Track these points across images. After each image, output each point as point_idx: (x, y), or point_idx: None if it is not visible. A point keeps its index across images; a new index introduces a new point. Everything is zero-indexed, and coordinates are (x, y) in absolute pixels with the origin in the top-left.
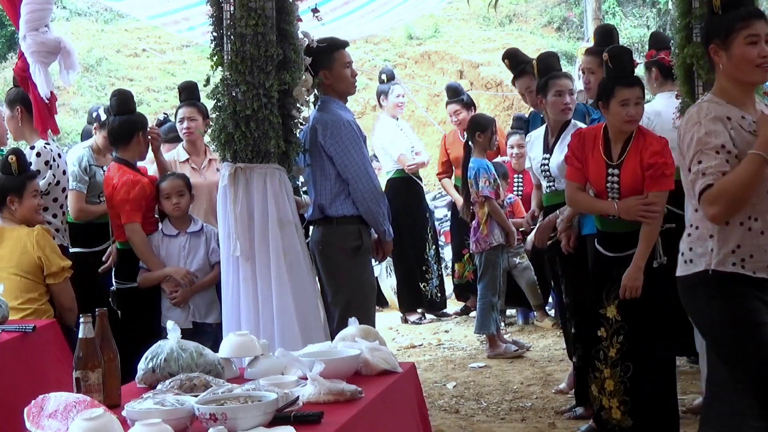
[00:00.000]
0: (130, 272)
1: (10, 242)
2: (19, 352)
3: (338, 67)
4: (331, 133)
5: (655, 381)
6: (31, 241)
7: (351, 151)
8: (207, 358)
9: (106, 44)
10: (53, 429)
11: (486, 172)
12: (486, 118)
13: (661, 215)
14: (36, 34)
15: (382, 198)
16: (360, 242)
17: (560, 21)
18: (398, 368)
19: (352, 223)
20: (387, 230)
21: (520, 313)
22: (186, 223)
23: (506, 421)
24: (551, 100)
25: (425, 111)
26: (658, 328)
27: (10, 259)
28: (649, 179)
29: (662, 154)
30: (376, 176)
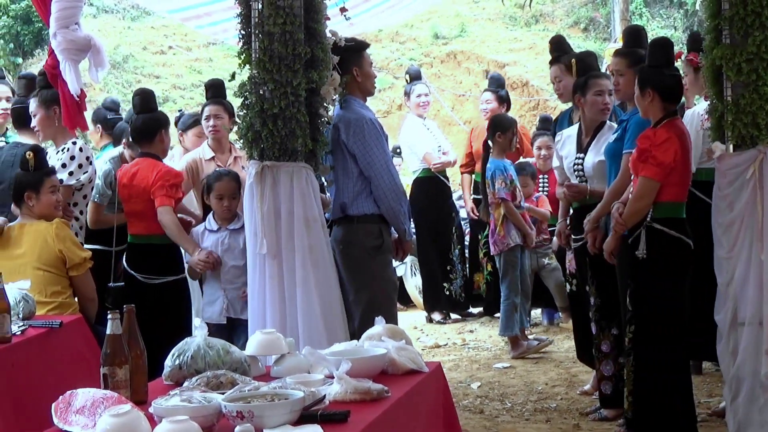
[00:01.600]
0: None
1: (30, 237)
2: (46, 348)
3: (367, 65)
4: (353, 132)
5: (658, 379)
6: (51, 235)
7: (373, 148)
8: (234, 356)
9: (132, 41)
10: (80, 424)
11: (502, 174)
12: (507, 119)
13: (637, 201)
14: (66, 31)
15: (403, 197)
16: (381, 241)
17: (587, 21)
18: (425, 368)
19: (373, 222)
20: (407, 229)
21: (545, 313)
22: (230, 220)
23: (531, 422)
24: (591, 99)
25: (451, 110)
26: (668, 326)
27: (32, 254)
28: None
29: (649, 139)
30: (397, 174)
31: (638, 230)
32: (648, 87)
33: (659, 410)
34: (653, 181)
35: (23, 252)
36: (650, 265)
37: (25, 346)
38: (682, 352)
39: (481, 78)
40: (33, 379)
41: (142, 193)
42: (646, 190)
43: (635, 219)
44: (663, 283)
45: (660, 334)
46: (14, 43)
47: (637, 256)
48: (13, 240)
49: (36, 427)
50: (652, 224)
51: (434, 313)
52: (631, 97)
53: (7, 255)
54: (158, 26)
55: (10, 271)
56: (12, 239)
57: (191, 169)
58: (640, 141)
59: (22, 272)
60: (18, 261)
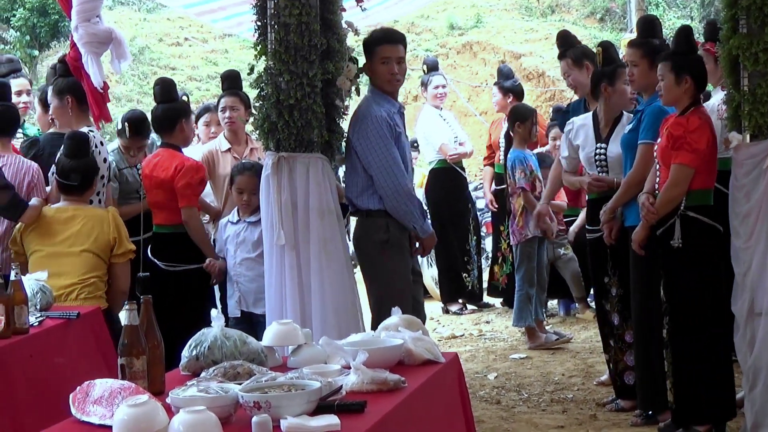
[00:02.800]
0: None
1: (83, 221)
2: (64, 339)
3: (375, 62)
4: (358, 128)
5: (693, 369)
6: (108, 222)
7: (375, 147)
8: (250, 347)
9: (148, 33)
10: (98, 415)
11: (522, 164)
12: (526, 109)
13: (673, 188)
14: (88, 24)
15: (407, 196)
16: (387, 236)
17: (603, 12)
18: (441, 358)
19: (380, 217)
20: (420, 227)
21: (561, 304)
22: (250, 212)
23: (547, 413)
24: (620, 88)
25: (466, 101)
26: (701, 314)
27: (85, 236)
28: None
29: (683, 126)
30: (402, 174)
31: (670, 220)
32: (686, 74)
33: (695, 400)
34: (688, 168)
35: (74, 233)
36: (683, 254)
37: (42, 337)
38: (717, 341)
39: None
40: (50, 370)
41: (162, 185)
42: (681, 177)
43: (669, 207)
44: (696, 272)
45: (694, 325)
46: (30, 35)
47: (671, 245)
48: (63, 220)
49: (54, 417)
50: (686, 212)
51: (450, 303)
52: (645, 87)
53: (55, 233)
54: (174, 18)
55: (56, 251)
56: (62, 220)
57: (207, 161)
58: (673, 128)
59: (69, 252)
60: (67, 241)
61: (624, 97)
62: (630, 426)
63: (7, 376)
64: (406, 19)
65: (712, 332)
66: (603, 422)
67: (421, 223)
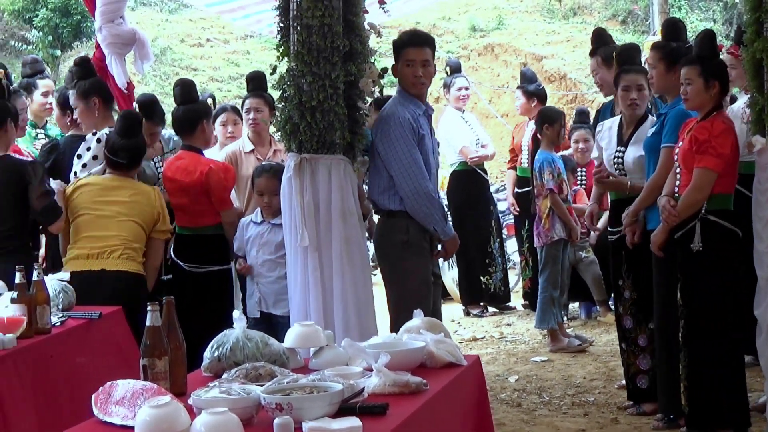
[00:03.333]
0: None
1: (130, 192)
2: (86, 339)
3: (401, 64)
4: (381, 128)
5: (713, 374)
6: (155, 197)
7: (396, 148)
8: (272, 348)
9: (170, 34)
10: (120, 415)
11: (550, 166)
12: (555, 112)
13: (696, 192)
14: (111, 26)
15: (427, 198)
16: (407, 236)
17: (625, 14)
18: (463, 361)
19: (401, 218)
20: (440, 229)
21: (583, 307)
22: (273, 214)
23: (568, 416)
24: (620, 94)
25: (488, 103)
26: (721, 320)
27: (132, 207)
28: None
29: (707, 130)
30: (423, 176)
31: (690, 223)
32: (714, 79)
33: (714, 405)
34: (713, 172)
35: (122, 202)
36: (702, 258)
37: (64, 337)
38: (736, 345)
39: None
40: (72, 370)
41: (186, 189)
42: (705, 181)
43: (691, 211)
44: (716, 276)
45: (713, 329)
46: (53, 36)
47: (691, 249)
48: (111, 188)
49: (76, 417)
50: (707, 216)
51: (471, 306)
52: (664, 89)
53: (104, 199)
54: (196, 19)
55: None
56: (111, 188)
57: (230, 162)
58: (698, 132)
59: (116, 219)
60: (114, 208)
61: (622, 102)
62: (651, 430)
63: (30, 376)
64: (427, 21)
65: (732, 337)
66: (624, 426)
67: (442, 225)
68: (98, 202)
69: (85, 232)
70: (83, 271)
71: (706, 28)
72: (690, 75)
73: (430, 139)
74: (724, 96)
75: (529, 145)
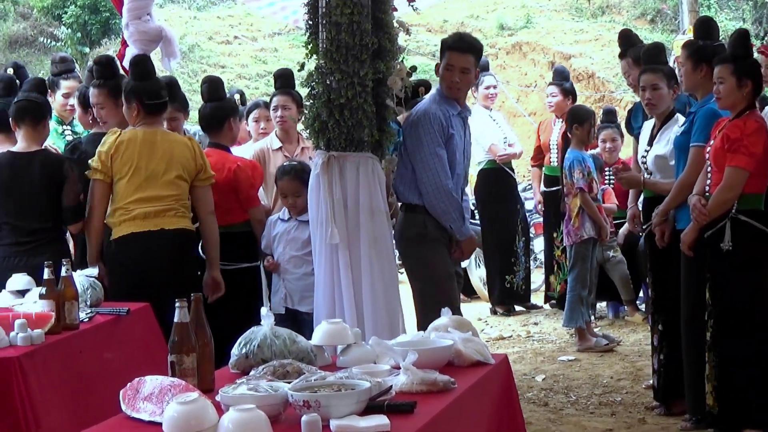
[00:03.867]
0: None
1: (169, 146)
2: (114, 335)
3: (443, 66)
4: (411, 122)
5: (742, 374)
6: (194, 147)
7: (423, 143)
8: (300, 345)
9: (198, 31)
10: (148, 411)
11: (580, 164)
12: (585, 110)
13: (727, 191)
14: (138, 22)
15: (445, 195)
16: (424, 230)
17: (654, 13)
18: (491, 360)
19: (419, 212)
20: (456, 228)
21: (610, 307)
22: (300, 212)
23: (595, 416)
24: (640, 93)
25: (515, 102)
26: (750, 320)
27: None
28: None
29: (739, 128)
30: (444, 173)
31: (720, 223)
32: (747, 78)
33: (743, 405)
34: (744, 171)
35: (167, 158)
36: (732, 257)
37: (92, 333)
38: (765, 345)
39: (547, 69)
40: (100, 366)
41: (215, 187)
42: (737, 180)
43: (721, 210)
44: (744, 276)
45: (742, 329)
46: (81, 33)
47: (719, 248)
48: (152, 145)
49: (104, 413)
50: (738, 216)
51: (499, 304)
52: (691, 88)
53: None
54: (224, 16)
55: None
56: (152, 145)
57: (258, 160)
58: (730, 130)
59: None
60: (161, 166)
61: (641, 100)
62: (679, 430)
63: (58, 371)
64: (455, 19)
65: (761, 337)
66: (652, 426)
67: (459, 224)
68: (143, 161)
69: (138, 193)
70: (143, 231)
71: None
72: (722, 74)
73: (462, 140)
74: (758, 95)
75: (558, 144)
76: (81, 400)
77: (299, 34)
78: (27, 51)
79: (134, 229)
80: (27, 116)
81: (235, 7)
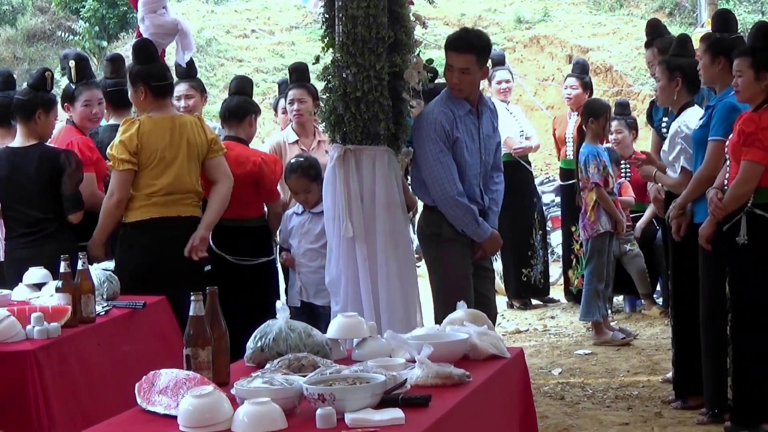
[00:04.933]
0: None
1: (182, 129)
2: (130, 328)
3: (444, 66)
4: (417, 126)
5: (759, 368)
6: (202, 124)
7: (426, 149)
8: (315, 339)
9: (215, 25)
10: (163, 405)
11: (596, 159)
12: (601, 105)
13: (742, 185)
14: (154, 16)
15: (453, 203)
16: (440, 231)
17: (672, 6)
18: (506, 353)
19: (435, 212)
20: (471, 232)
21: (627, 300)
22: (313, 205)
23: (612, 409)
24: (661, 83)
25: (533, 95)
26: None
27: (191, 145)
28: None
29: (755, 122)
30: (449, 180)
31: (736, 216)
32: (766, 71)
33: (760, 399)
34: (759, 165)
35: (184, 143)
36: (748, 251)
37: (109, 326)
38: None
39: (564, 63)
40: (117, 359)
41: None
42: (752, 174)
43: (737, 204)
44: (760, 269)
45: (760, 323)
46: (99, 27)
47: (736, 242)
48: (168, 130)
49: (119, 405)
50: (753, 210)
51: (515, 298)
52: (711, 81)
53: (168, 145)
54: (241, 10)
55: (174, 162)
56: (168, 130)
57: (275, 153)
58: (745, 124)
59: (187, 167)
60: (182, 152)
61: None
62: (696, 424)
63: (74, 364)
64: (473, 13)
65: None
66: (668, 420)
67: (473, 228)
68: (164, 150)
69: (157, 181)
70: (159, 217)
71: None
72: (741, 67)
73: (477, 137)
74: None
75: (574, 137)
76: (97, 393)
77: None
78: (45, 45)
79: (151, 215)
80: (17, 113)
81: (252, 1)
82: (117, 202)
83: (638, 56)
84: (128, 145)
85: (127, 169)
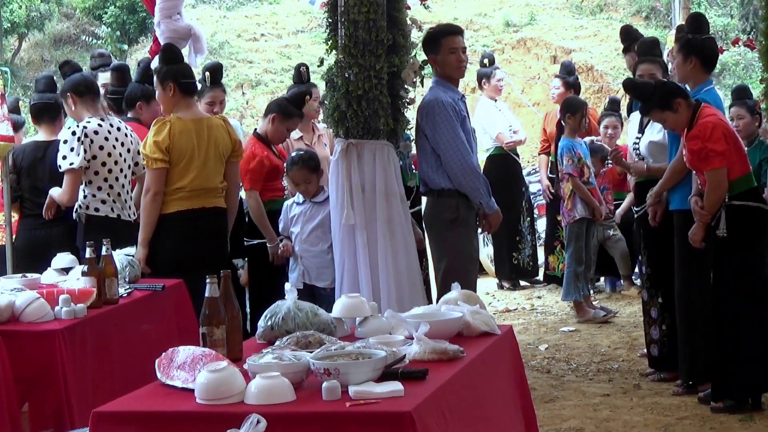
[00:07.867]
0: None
1: (210, 130)
2: (150, 309)
3: (444, 52)
4: (426, 113)
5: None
6: (228, 127)
7: (442, 128)
8: (321, 318)
9: (228, 29)
10: (181, 379)
11: (570, 151)
12: (578, 101)
13: (715, 192)
14: (169, 21)
15: (473, 173)
16: (456, 215)
17: (648, 10)
18: (497, 330)
19: (450, 196)
20: (485, 203)
21: (608, 281)
22: (314, 195)
23: (594, 382)
24: None
25: (520, 93)
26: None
27: (218, 145)
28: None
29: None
30: (468, 153)
31: (718, 212)
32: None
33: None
34: (722, 169)
35: (212, 142)
36: (728, 238)
37: (131, 307)
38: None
39: (549, 63)
40: (138, 337)
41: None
42: (719, 179)
43: (718, 206)
44: (744, 254)
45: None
46: (120, 31)
47: (717, 235)
48: (198, 132)
49: (141, 380)
50: (731, 202)
51: (506, 279)
52: (684, 78)
53: (197, 144)
54: (251, 15)
55: (205, 161)
56: (198, 131)
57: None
58: (691, 144)
59: (215, 167)
60: (211, 151)
61: None
62: (671, 395)
63: (99, 342)
64: (464, 17)
65: (755, 309)
66: (646, 391)
67: (487, 200)
68: (194, 150)
69: (187, 179)
70: (188, 209)
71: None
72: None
73: (466, 122)
74: (708, 72)
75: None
76: (120, 369)
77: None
78: (70, 48)
79: (178, 208)
80: (45, 115)
81: (262, 7)
82: (153, 195)
83: (617, 57)
84: (161, 145)
85: (161, 168)
